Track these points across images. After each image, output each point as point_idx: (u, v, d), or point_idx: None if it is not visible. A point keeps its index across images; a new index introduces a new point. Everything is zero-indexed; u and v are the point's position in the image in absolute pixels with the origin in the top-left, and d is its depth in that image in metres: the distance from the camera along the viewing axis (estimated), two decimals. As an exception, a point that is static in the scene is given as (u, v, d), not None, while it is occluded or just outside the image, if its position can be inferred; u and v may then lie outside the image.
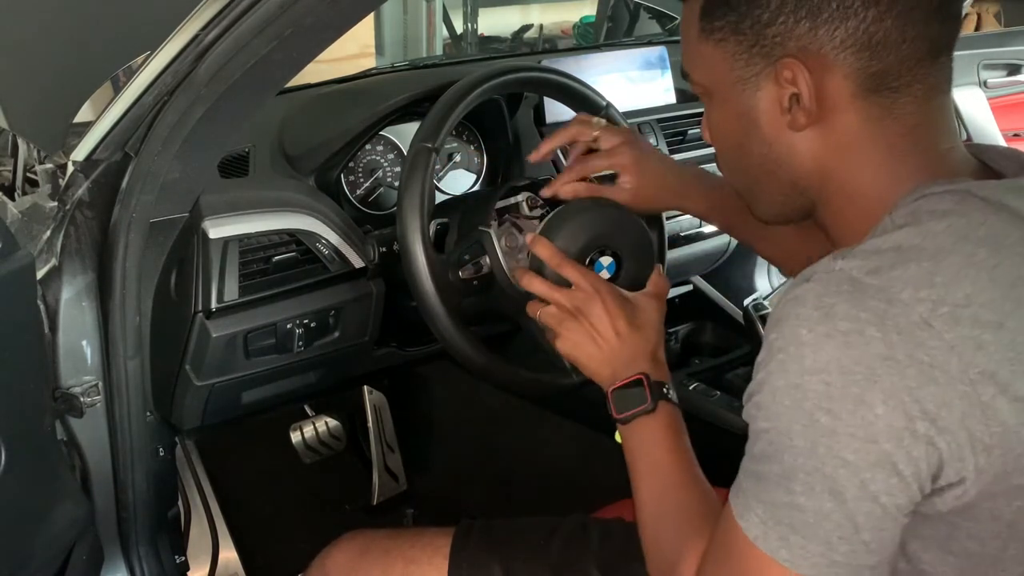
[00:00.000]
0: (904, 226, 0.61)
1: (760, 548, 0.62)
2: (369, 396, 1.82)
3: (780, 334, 0.60)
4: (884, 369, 0.56)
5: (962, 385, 0.56)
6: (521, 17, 5.07)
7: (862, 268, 0.59)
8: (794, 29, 0.65)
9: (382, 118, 1.27)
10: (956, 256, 0.59)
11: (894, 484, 0.58)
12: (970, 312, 0.57)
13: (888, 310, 0.57)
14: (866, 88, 0.65)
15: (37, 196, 1.07)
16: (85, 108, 1.03)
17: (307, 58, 0.92)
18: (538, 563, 0.97)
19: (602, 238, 0.99)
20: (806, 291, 0.60)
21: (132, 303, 1.07)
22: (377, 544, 1.02)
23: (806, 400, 0.58)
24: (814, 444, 0.58)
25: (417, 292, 1.03)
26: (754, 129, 0.71)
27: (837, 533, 0.59)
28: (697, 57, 0.73)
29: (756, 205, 0.77)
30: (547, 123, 1.45)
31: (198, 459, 1.59)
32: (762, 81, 0.68)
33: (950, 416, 0.57)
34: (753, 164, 0.73)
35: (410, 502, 1.85)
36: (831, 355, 0.57)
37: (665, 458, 0.82)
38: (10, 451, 0.86)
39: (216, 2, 0.87)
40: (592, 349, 0.88)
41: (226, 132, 1.02)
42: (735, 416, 1.31)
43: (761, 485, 0.62)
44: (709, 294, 1.72)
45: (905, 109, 0.66)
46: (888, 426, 0.57)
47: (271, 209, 1.11)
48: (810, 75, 0.65)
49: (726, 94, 0.72)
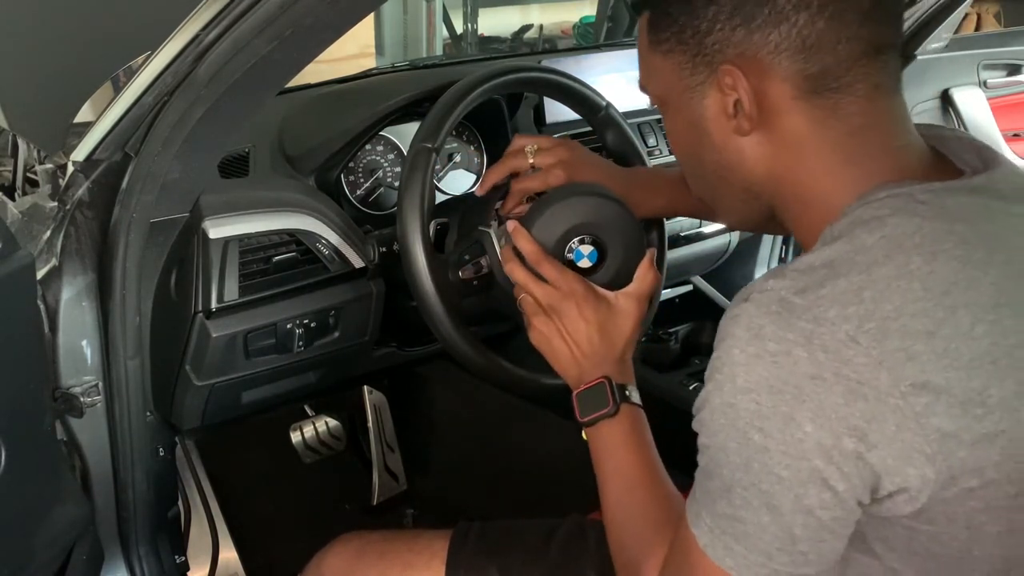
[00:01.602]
0: (839, 238, 0.62)
1: (709, 556, 0.64)
2: (369, 396, 1.82)
3: (719, 353, 0.62)
4: (812, 388, 0.58)
5: (893, 399, 0.57)
6: (521, 17, 5.07)
7: (791, 288, 0.60)
8: (731, 36, 0.67)
9: (382, 118, 1.27)
10: (888, 267, 0.59)
11: (827, 499, 0.59)
12: (899, 324, 0.58)
13: (815, 330, 0.58)
14: (806, 90, 0.66)
15: (37, 196, 1.07)
16: (85, 108, 1.03)
17: (307, 58, 0.92)
18: (536, 565, 0.97)
19: (584, 227, 0.98)
20: (742, 311, 0.61)
21: (132, 303, 1.07)
22: (373, 547, 1.02)
23: (739, 419, 0.60)
24: (748, 460, 0.60)
25: (417, 292, 1.03)
26: (705, 136, 0.72)
27: (776, 544, 0.61)
28: (650, 69, 0.75)
29: (719, 211, 0.79)
30: (547, 123, 1.45)
31: (198, 459, 1.59)
32: (707, 89, 0.70)
33: (881, 430, 0.57)
34: (708, 171, 0.75)
35: (410, 502, 1.85)
36: (761, 375, 0.59)
37: (627, 460, 0.83)
38: (10, 451, 0.86)
39: (216, 2, 0.87)
40: (561, 348, 0.89)
41: (226, 132, 1.02)
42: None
43: (708, 497, 0.64)
44: (709, 294, 1.72)
45: (849, 109, 0.66)
46: (817, 443, 0.58)
47: (271, 209, 1.11)
48: (748, 80, 0.67)
49: (678, 103, 0.73)
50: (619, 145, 1.24)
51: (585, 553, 0.97)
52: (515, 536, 1.01)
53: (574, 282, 0.90)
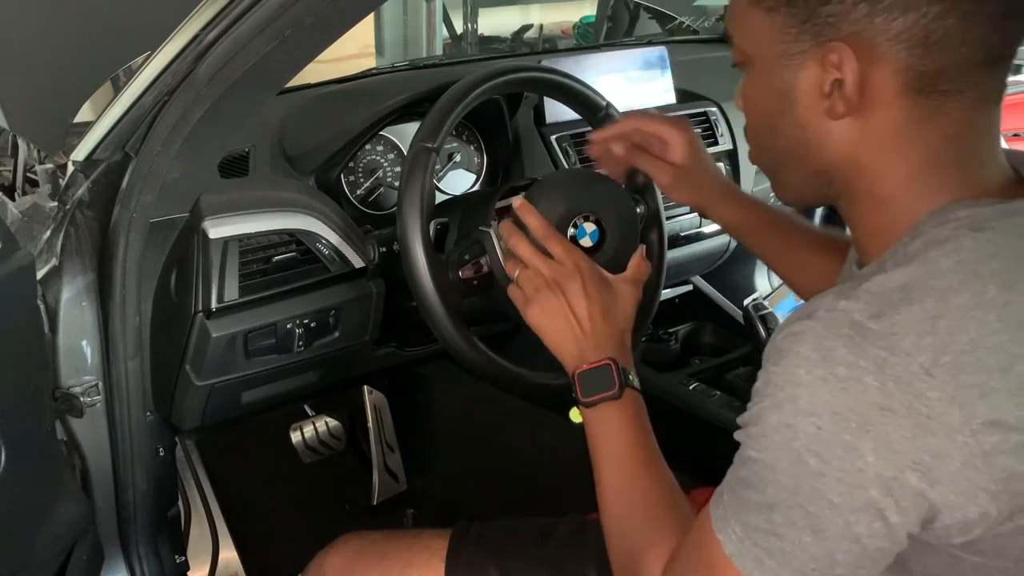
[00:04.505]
0: (913, 259, 0.60)
1: (735, 564, 0.62)
2: (369, 396, 1.82)
3: (779, 369, 0.59)
4: (879, 419, 0.56)
5: (962, 436, 0.55)
6: (521, 17, 5.07)
7: (865, 311, 0.58)
8: (850, 12, 0.61)
9: (382, 118, 1.27)
10: (963, 296, 0.57)
11: (878, 528, 0.58)
12: (974, 359, 0.56)
13: (888, 359, 0.56)
14: (914, 87, 0.62)
15: (37, 196, 1.07)
16: (85, 108, 1.03)
17: (307, 58, 0.92)
18: (535, 565, 0.97)
19: (589, 205, 0.99)
20: (807, 329, 0.59)
21: (132, 303, 1.07)
22: (373, 547, 1.02)
23: (796, 440, 0.58)
24: (799, 483, 0.58)
25: (417, 292, 1.02)
26: (789, 109, 0.67)
27: (812, 565, 0.60)
28: (744, 22, 0.69)
29: (777, 184, 0.75)
30: (547, 123, 1.45)
31: (198, 459, 1.59)
32: (807, 60, 0.65)
33: (947, 467, 0.56)
34: (781, 145, 0.70)
35: (410, 502, 1.85)
36: (825, 400, 0.57)
37: (629, 445, 0.82)
38: (10, 451, 0.86)
39: (216, 2, 0.87)
40: (563, 325, 0.87)
41: (226, 132, 1.02)
42: (735, 416, 1.31)
43: (743, 507, 0.62)
44: (709, 294, 1.72)
45: (950, 116, 0.63)
46: (877, 475, 0.56)
47: (271, 209, 1.11)
48: (858, 63, 0.62)
49: (767, 67, 0.68)
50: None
51: (584, 552, 0.97)
52: (514, 535, 1.01)
53: (580, 259, 0.88)
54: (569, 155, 1.43)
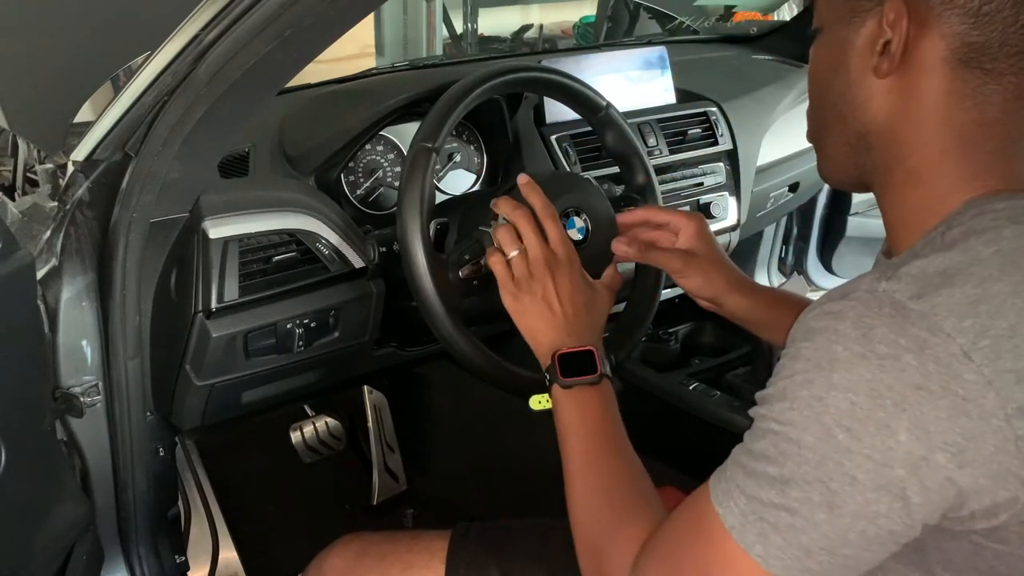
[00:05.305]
0: (953, 246, 0.60)
1: (734, 538, 0.62)
2: (369, 396, 1.82)
3: (814, 345, 0.60)
4: (915, 398, 0.56)
5: (997, 420, 0.56)
6: (521, 17, 5.07)
7: (906, 292, 0.58)
8: None
9: (382, 118, 1.27)
10: (1003, 284, 0.58)
11: (897, 508, 0.58)
12: (1013, 344, 0.56)
13: (928, 339, 0.56)
14: (959, 57, 0.63)
15: (37, 196, 1.07)
16: (85, 108, 1.03)
17: (307, 58, 0.92)
18: (535, 564, 0.97)
19: (581, 203, 1.05)
20: (847, 308, 0.59)
21: (132, 303, 1.07)
22: (374, 548, 1.02)
23: (826, 414, 0.58)
24: (824, 457, 0.58)
25: (417, 292, 1.03)
26: (842, 65, 0.69)
27: (821, 543, 0.59)
28: None
29: (822, 156, 0.76)
30: (547, 123, 1.45)
31: (198, 459, 1.59)
32: (869, 19, 0.67)
33: (979, 450, 0.56)
34: (828, 104, 0.72)
35: (410, 502, 1.85)
36: (862, 376, 0.57)
37: (602, 427, 0.83)
38: (10, 451, 0.86)
39: (216, 2, 0.87)
40: (545, 310, 0.90)
41: (226, 132, 1.02)
42: (735, 416, 1.31)
43: (752, 480, 0.62)
44: (709, 294, 1.72)
45: (991, 99, 0.63)
46: (907, 453, 0.56)
47: (271, 209, 1.11)
48: (909, 22, 0.64)
49: (836, 26, 0.70)
50: (619, 145, 1.25)
51: (585, 552, 0.97)
52: (514, 535, 1.01)
53: (573, 252, 0.93)
54: (569, 155, 1.43)
